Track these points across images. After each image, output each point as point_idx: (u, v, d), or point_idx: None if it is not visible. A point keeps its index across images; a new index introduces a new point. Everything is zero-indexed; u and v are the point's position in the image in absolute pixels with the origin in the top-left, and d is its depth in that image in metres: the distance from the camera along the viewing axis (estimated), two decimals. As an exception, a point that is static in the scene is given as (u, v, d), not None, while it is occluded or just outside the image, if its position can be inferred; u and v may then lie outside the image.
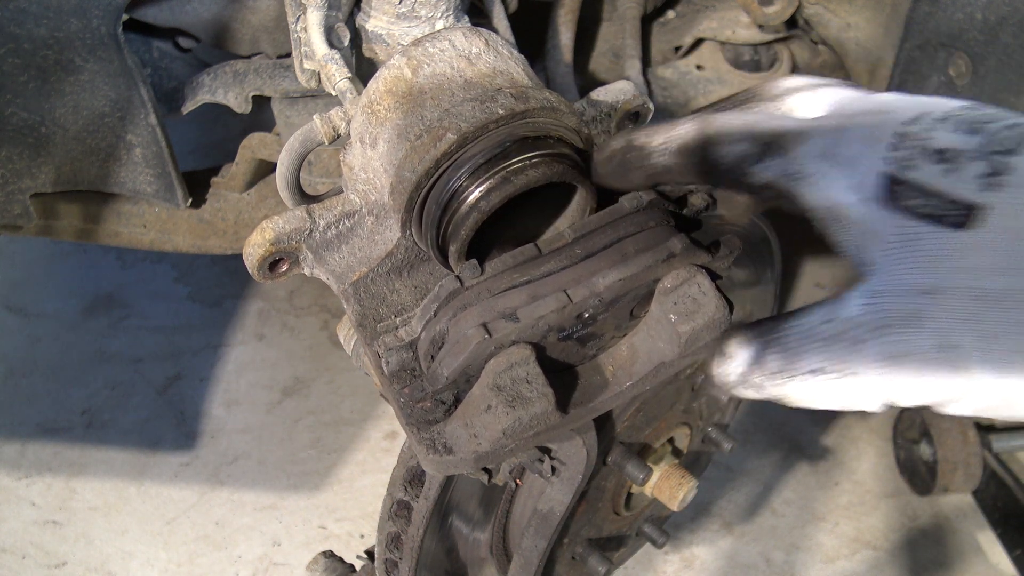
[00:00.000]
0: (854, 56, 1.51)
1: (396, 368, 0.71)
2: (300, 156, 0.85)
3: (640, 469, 0.95)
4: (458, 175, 0.72)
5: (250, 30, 1.27)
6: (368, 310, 0.79)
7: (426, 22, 1.08)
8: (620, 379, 0.77)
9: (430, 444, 0.69)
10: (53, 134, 1.17)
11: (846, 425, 2.02)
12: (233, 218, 1.44)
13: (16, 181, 1.19)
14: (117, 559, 1.79)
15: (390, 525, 0.91)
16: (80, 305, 2.30)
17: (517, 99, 0.73)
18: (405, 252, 0.81)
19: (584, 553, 1.08)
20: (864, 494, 1.90)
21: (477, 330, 0.67)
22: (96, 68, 1.12)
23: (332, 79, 0.95)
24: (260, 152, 1.36)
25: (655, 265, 0.72)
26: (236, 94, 1.29)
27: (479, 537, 1.02)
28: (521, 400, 0.68)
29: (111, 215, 1.39)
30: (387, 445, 2.00)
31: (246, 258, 0.79)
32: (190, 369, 2.15)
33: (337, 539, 1.83)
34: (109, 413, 2.05)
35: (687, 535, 1.82)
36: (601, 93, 0.89)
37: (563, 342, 0.72)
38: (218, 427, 2.03)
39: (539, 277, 0.70)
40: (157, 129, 1.21)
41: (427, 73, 0.77)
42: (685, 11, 1.71)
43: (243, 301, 2.32)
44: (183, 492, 1.90)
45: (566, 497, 0.89)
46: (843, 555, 1.81)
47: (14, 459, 1.96)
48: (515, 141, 0.72)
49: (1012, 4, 1.21)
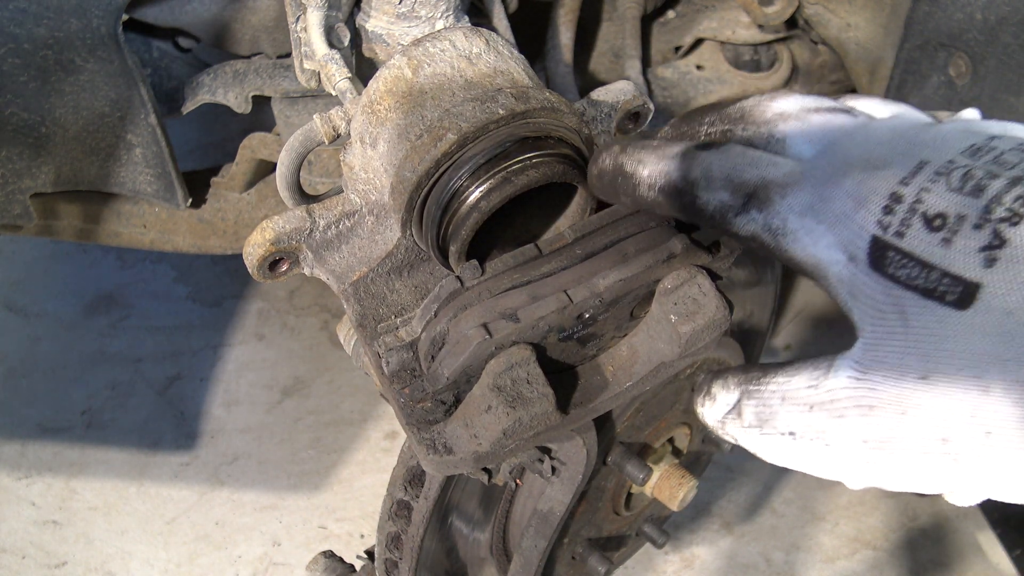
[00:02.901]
0: (854, 56, 1.51)
1: (396, 368, 0.71)
2: (300, 156, 0.85)
3: (640, 469, 0.95)
4: (459, 175, 0.72)
5: (250, 30, 1.27)
6: (368, 310, 0.79)
7: (426, 22, 1.08)
8: (620, 379, 0.77)
9: (430, 444, 0.69)
10: (53, 134, 1.17)
11: (846, 425, 2.02)
12: (233, 218, 1.44)
13: (16, 181, 1.19)
14: (117, 559, 1.79)
15: (390, 525, 0.91)
16: (80, 305, 2.30)
17: (518, 99, 0.73)
18: (405, 252, 0.81)
19: (584, 553, 1.08)
20: (864, 494, 1.90)
21: (477, 330, 0.67)
22: (96, 68, 1.12)
23: (332, 79, 0.95)
24: (260, 152, 1.36)
25: (655, 265, 0.72)
26: (236, 94, 1.29)
27: (479, 537, 1.02)
28: (521, 400, 0.68)
29: (111, 215, 1.39)
30: (387, 445, 2.00)
31: (246, 258, 0.79)
32: (190, 369, 2.15)
33: (337, 539, 1.83)
34: (109, 413, 2.05)
35: (687, 535, 1.82)
36: (601, 93, 0.89)
37: (563, 342, 0.72)
38: (218, 427, 2.03)
39: (539, 277, 0.70)
40: (157, 129, 1.21)
41: (427, 73, 0.77)
42: (685, 11, 1.71)
43: (243, 301, 2.32)
44: (183, 492, 1.90)
45: (566, 497, 0.89)
46: (843, 555, 1.81)
47: (14, 459, 1.96)
48: (515, 141, 0.72)
49: (1012, 4, 1.21)
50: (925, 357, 0.50)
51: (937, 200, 0.50)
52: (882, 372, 0.52)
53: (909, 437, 0.51)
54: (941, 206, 0.49)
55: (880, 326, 0.52)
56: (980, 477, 0.51)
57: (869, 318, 0.53)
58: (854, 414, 0.53)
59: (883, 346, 0.52)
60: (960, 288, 0.48)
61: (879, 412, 0.52)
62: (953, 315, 0.49)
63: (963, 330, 0.48)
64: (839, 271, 0.54)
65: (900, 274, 0.51)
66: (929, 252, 0.49)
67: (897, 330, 0.51)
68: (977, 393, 0.48)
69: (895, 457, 0.52)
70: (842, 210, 0.54)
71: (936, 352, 0.49)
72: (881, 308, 0.52)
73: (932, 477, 0.52)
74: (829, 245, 0.54)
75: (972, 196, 0.49)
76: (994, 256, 0.47)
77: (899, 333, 0.51)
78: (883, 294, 0.52)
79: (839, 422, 0.54)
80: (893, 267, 0.51)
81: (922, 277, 0.49)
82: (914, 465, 0.52)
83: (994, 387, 0.47)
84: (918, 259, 0.50)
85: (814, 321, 2.20)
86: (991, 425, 0.48)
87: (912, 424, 0.50)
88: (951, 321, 0.49)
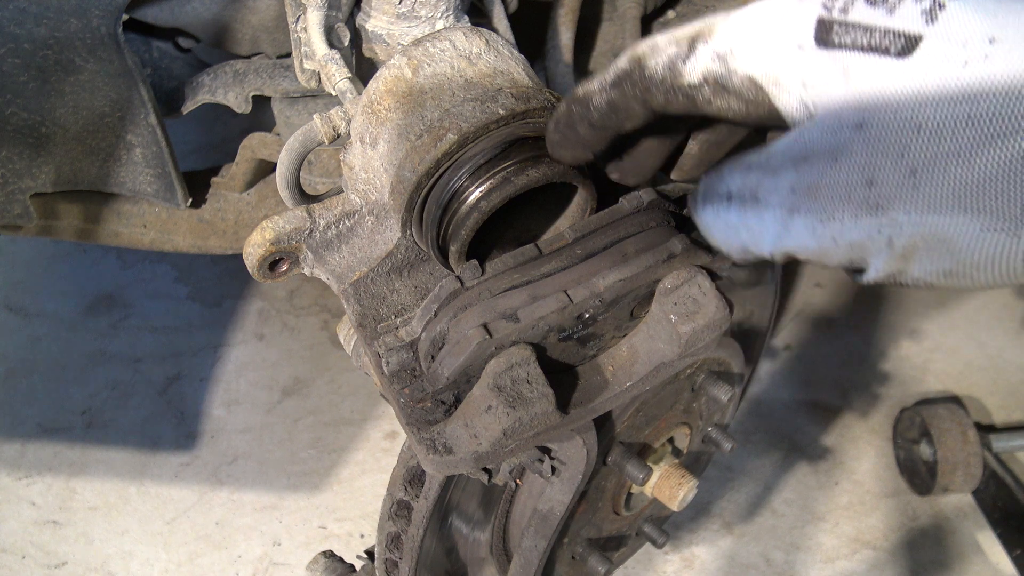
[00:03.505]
0: (854, 56, 1.50)
1: (396, 368, 0.71)
2: (300, 156, 0.85)
3: (640, 469, 0.95)
4: (459, 175, 0.72)
5: (250, 30, 1.26)
6: (368, 310, 0.79)
7: (426, 22, 1.08)
8: (620, 379, 0.77)
9: (430, 444, 0.69)
10: (53, 134, 1.17)
11: (846, 425, 2.02)
12: (233, 218, 1.44)
13: (16, 181, 1.19)
14: (117, 559, 1.79)
15: (390, 525, 0.91)
16: (80, 305, 2.30)
17: (518, 99, 0.73)
18: (405, 252, 0.81)
19: (584, 553, 1.08)
20: (864, 494, 1.90)
21: (477, 330, 0.67)
22: (96, 68, 1.12)
23: (332, 79, 0.95)
24: (260, 152, 1.36)
25: (655, 265, 0.72)
26: (236, 94, 1.29)
27: (479, 537, 1.02)
28: (521, 400, 0.68)
29: (111, 215, 1.39)
30: (387, 445, 2.00)
31: (246, 258, 0.79)
32: (190, 369, 2.15)
33: (337, 539, 1.83)
34: (109, 413, 2.05)
35: (687, 535, 1.82)
36: (601, 93, 0.89)
37: (563, 342, 0.72)
38: (218, 427, 2.03)
39: (539, 277, 0.70)
40: (157, 129, 1.21)
41: (427, 73, 0.77)
42: (685, 11, 1.71)
43: (243, 301, 2.32)
44: (183, 492, 1.90)
45: (566, 497, 0.89)
46: (843, 555, 1.81)
47: (14, 459, 1.96)
48: (516, 141, 0.72)
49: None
50: (861, 107, 0.51)
51: None
52: (821, 127, 0.53)
53: (836, 181, 0.51)
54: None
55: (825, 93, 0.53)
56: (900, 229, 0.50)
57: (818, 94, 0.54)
58: (788, 167, 0.54)
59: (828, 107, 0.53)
60: (901, 41, 0.50)
61: (811, 160, 0.53)
62: (893, 64, 0.50)
63: (903, 76, 0.49)
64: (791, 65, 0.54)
65: (845, 40, 0.52)
66: (874, 20, 0.51)
67: (837, 87, 0.52)
68: (910, 132, 0.49)
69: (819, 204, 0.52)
70: (783, 8, 0.55)
71: (873, 100, 0.50)
72: (828, 78, 0.53)
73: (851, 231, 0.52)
74: (777, 44, 0.55)
75: None
76: (935, 15, 0.49)
77: (840, 90, 0.52)
78: (831, 62, 0.52)
79: (774, 176, 0.55)
80: (839, 37, 0.52)
81: (865, 38, 0.51)
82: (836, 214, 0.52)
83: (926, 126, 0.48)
84: (863, 25, 0.51)
85: (814, 321, 2.21)
86: (918, 162, 0.48)
87: (841, 167, 0.51)
88: (891, 69, 0.50)
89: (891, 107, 0.50)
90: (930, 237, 0.49)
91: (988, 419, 2.03)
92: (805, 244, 0.55)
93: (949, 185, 0.47)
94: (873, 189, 0.50)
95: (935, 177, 0.48)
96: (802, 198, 0.53)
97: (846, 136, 0.51)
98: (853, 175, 0.51)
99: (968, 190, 0.47)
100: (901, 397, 2.04)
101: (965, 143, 0.47)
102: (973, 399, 2.06)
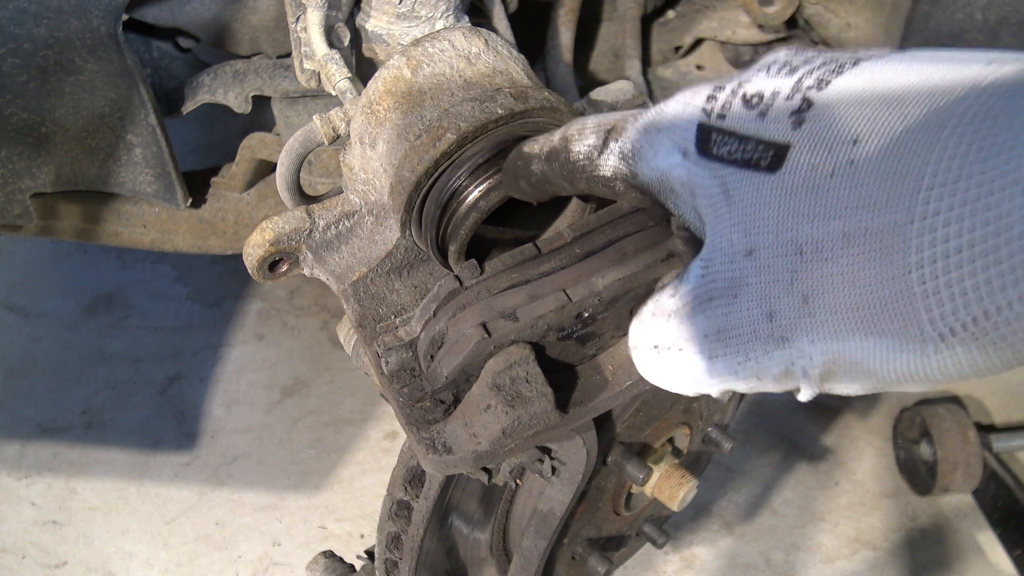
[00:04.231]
0: (854, 56, 1.50)
1: (396, 368, 0.71)
2: (300, 156, 0.85)
3: (640, 469, 0.95)
4: (457, 175, 0.72)
5: (250, 30, 1.27)
6: (368, 310, 0.79)
7: (426, 22, 1.08)
8: (620, 379, 0.77)
9: (430, 444, 0.69)
10: (53, 134, 1.17)
11: (846, 425, 2.02)
12: (233, 218, 1.44)
13: (16, 181, 1.19)
14: (117, 559, 1.79)
15: (390, 525, 0.91)
16: (80, 305, 2.30)
17: (517, 99, 0.73)
18: (405, 252, 0.81)
19: (584, 553, 1.08)
20: (864, 494, 1.90)
21: (476, 329, 0.67)
22: (96, 68, 1.12)
23: (332, 79, 0.95)
24: (260, 152, 1.36)
25: (654, 264, 0.72)
26: (236, 94, 1.29)
27: (479, 537, 1.02)
28: (521, 400, 0.67)
29: (111, 215, 1.39)
30: (387, 445, 2.00)
31: (246, 258, 0.79)
32: (190, 369, 2.15)
33: (337, 539, 1.83)
34: (109, 413, 2.05)
35: (687, 535, 1.82)
36: (601, 93, 0.89)
37: (563, 342, 0.72)
38: (218, 427, 2.03)
39: (538, 277, 0.70)
40: (157, 129, 1.21)
41: (427, 73, 0.77)
42: (685, 11, 1.71)
43: (243, 301, 2.32)
44: (183, 492, 1.90)
45: (566, 497, 0.89)
46: (843, 555, 1.81)
47: (14, 459, 1.96)
48: (514, 141, 0.72)
49: (1012, 4, 1.21)
50: (747, 231, 0.48)
51: (756, 83, 0.50)
52: (718, 258, 0.51)
53: (740, 320, 0.49)
54: (759, 87, 0.50)
55: (713, 211, 0.51)
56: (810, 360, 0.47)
57: (705, 209, 0.52)
58: (698, 311, 0.52)
59: (717, 229, 0.51)
60: (771, 152, 0.47)
61: (715, 300, 0.51)
62: (767, 180, 0.47)
63: (776, 193, 0.47)
64: (678, 172, 0.53)
65: (722, 152, 0.50)
66: (746, 126, 0.49)
67: (724, 211, 0.50)
68: (793, 256, 0.46)
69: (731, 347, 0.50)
70: (674, 111, 0.54)
71: (755, 223, 0.48)
72: (711, 193, 0.51)
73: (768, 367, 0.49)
74: (667, 150, 0.54)
75: (787, 75, 0.49)
76: (802, 118, 0.47)
77: (726, 213, 0.50)
78: (711, 177, 0.51)
79: (688, 323, 0.53)
80: (716, 147, 0.51)
81: (740, 150, 0.49)
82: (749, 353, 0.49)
83: (807, 247, 0.45)
84: (737, 134, 0.49)
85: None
86: (808, 289, 0.45)
87: (741, 303, 0.49)
88: (765, 186, 0.47)
89: (771, 229, 0.47)
90: (842, 362, 0.46)
91: (988, 419, 2.03)
92: (735, 384, 0.52)
93: (843, 310, 0.44)
94: (774, 322, 0.47)
95: (827, 303, 0.45)
96: (715, 344, 0.51)
97: (740, 267, 0.49)
98: (753, 310, 0.48)
99: (863, 314, 0.43)
100: (901, 397, 2.04)
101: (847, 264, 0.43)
102: (973, 399, 2.06)
